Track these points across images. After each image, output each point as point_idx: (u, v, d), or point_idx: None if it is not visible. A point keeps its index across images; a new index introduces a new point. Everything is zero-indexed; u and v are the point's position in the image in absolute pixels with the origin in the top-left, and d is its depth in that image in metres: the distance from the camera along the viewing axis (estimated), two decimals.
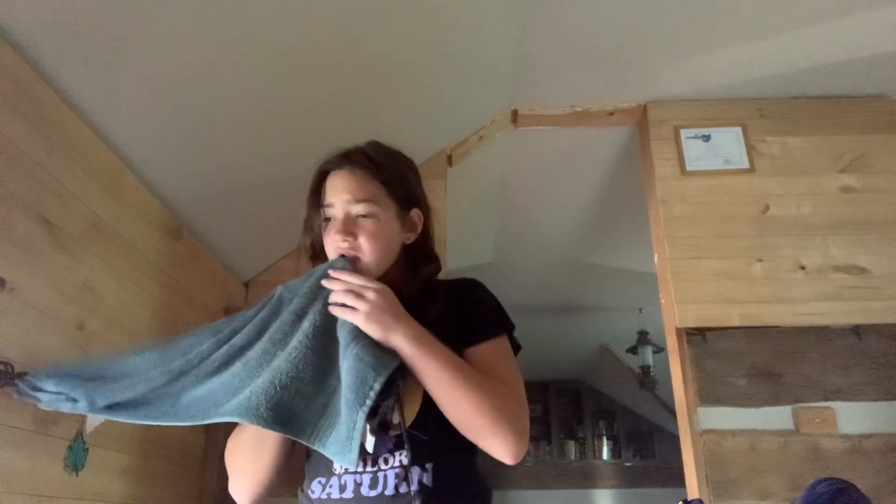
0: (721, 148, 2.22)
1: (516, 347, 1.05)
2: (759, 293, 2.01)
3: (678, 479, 1.97)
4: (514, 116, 2.43)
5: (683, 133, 2.26)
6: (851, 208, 2.11)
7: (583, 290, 4.22)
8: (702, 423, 1.88)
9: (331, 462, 0.93)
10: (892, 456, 1.82)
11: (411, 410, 0.94)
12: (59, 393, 0.94)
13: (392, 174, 1.05)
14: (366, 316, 0.89)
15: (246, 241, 2.18)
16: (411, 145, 1.20)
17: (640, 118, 2.37)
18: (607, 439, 6.37)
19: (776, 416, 1.88)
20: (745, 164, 2.19)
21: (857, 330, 1.97)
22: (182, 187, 1.79)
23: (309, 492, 0.95)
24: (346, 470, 0.92)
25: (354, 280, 0.93)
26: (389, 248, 1.03)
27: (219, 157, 1.82)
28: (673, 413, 2.18)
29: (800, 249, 2.06)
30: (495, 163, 2.72)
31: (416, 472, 0.90)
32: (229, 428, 0.98)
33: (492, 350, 0.99)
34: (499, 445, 0.89)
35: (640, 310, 4.44)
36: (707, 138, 2.25)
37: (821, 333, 1.97)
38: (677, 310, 2.01)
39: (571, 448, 6.36)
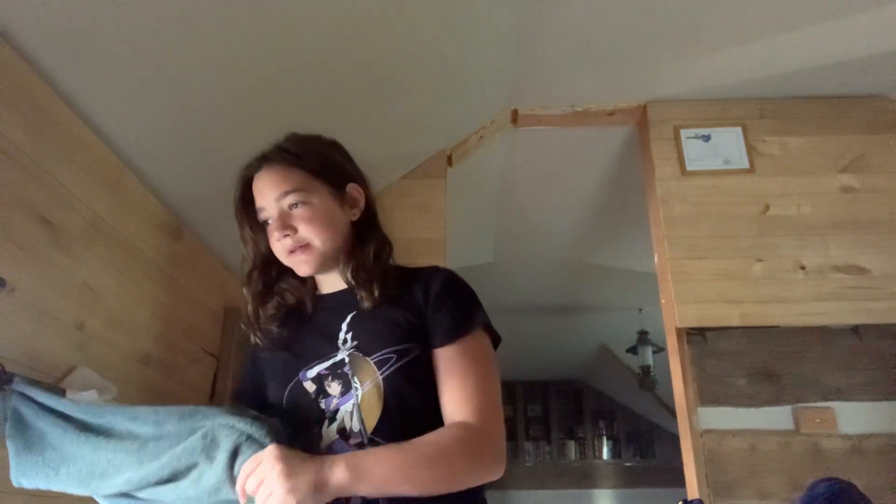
0: (721, 148, 2.22)
1: (495, 338, 1.01)
2: (759, 293, 2.01)
3: (678, 479, 1.97)
4: (514, 116, 2.43)
5: (683, 133, 2.26)
6: (851, 208, 2.10)
7: (583, 290, 4.22)
8: (702, 423, 1.88)
9: None
10: (892, 456, 1.82)
11: (372, 416, 0.90)
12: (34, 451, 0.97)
13: (312, 157, 1.03)
14: (284, 495, 0.77)
15: None
16: (411, 145, 1.20)
17: (640, 118, 2.37)
18: (607, 439, 6.37)
19: (776, 416, 1.88)
20: (745, 164, 2.19)
21: (857, 330, 1.97)
22: (182, 187, 1.79)
23: None
24: None
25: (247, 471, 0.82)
26: (334, 229, 1.01)
27: (219, 157, 1.82)
28: (673, 413, 2.18)
29: (800, 249, 2.06)
30: (495, 163, 2.72)
31: None
32: None
33: (458, 354, 0.94)
34: (480, 481, 0.89)
35: (640, 310, 4.44)
36: (707, 138, 2.24)
37: (821, 333, 1.97)
38: (677, 310, 2.01)
39: (571, 448, 6.36)
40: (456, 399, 0.91)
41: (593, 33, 2.01)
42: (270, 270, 1.06)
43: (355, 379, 0.92)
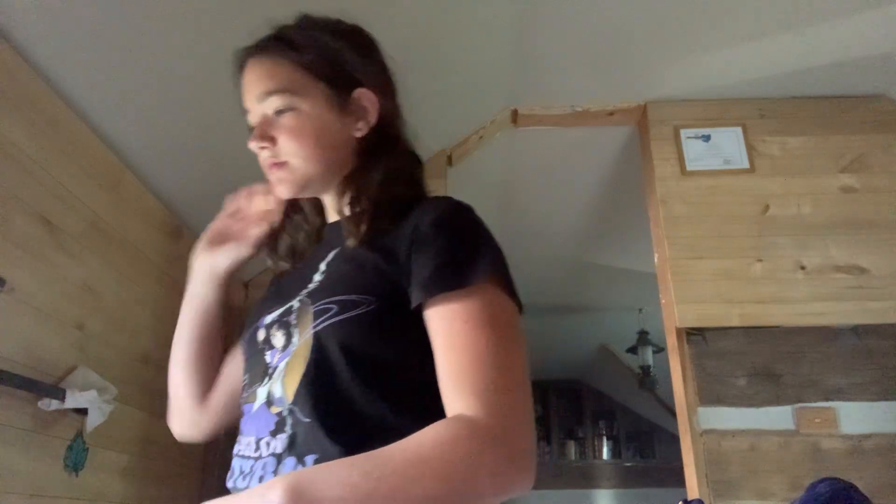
0: (721, 148, 2.22)
1: (516, 303, 0.72)
2: (759, 293, 2.01)
3: (678, 479, 1.97)
4: (514, 116, 2.43)
5: (683, 133, 2.26)
6: (851, 208, 2.10)
7: (583, 290, 4.22)
8: (702, 423, 1.88)
9: (234, 443, 0.76)
10: (893, 456, 1.82)
11: (294, 379, 0.69)
12: None
13: (313, 48, 0.81)
14: None
15: None
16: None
17: (640, 118, 2.37)
18: (607, 439, 6.36)
19: (776, 416, 1.88)
20: (745, 164, 2.19)
21: (857, 330, 1.97)
22: (182, 187, 1.79)
23: None
24: (237, 452, 0.73)
25: None
26: (325, 145, 0.79)
27: (219, 157, 1.82)
28: (673, 413, 2.18)
29: (800, 249, 2.06)
30: (495, 163, 2.72)
31: (290, 464, 0.65)
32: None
33: (449, 315, 0.67)
34: (495, 501, 0.63)
35: (640, 310, 4.44)
36: (707, 138, 2.25)
37: (821, 333, 1.97)
38: (677, 310, 2.01)
39: (571, 448, 6.35)
40: (451, 382, 0.64)
41: (593, 33, 2.01)
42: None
43: (296, 331, 0.72)
